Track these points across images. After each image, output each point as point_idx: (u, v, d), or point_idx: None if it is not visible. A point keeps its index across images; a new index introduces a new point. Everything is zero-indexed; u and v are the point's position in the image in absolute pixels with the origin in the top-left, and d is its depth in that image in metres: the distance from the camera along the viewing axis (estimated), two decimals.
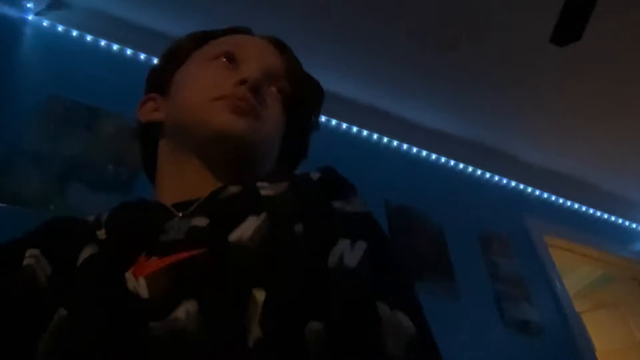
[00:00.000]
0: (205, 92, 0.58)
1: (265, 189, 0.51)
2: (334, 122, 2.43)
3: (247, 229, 0.44)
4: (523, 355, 1.96)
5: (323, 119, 2.38)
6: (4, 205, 1.45)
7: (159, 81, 0.67)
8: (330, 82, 2.31)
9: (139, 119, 0.66)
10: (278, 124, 0.64)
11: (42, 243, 0.48)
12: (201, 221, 0.47)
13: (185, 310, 0.37)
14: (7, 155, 1.55)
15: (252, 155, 0.59)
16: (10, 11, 1.90)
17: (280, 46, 0.69)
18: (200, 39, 0.69)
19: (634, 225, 2.99)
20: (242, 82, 0.58)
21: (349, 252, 0.42)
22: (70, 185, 1.57)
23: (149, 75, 0.70)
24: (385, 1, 2.01)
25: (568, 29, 1.64)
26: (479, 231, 2.35)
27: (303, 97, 0.67)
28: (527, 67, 2.26)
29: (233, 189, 0.52)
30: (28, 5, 1.93)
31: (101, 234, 0.50)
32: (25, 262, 0.46)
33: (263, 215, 0.45)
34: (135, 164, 1.65)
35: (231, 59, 0.63)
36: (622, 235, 2.90)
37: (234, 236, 0.44)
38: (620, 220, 2.97)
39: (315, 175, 0.53)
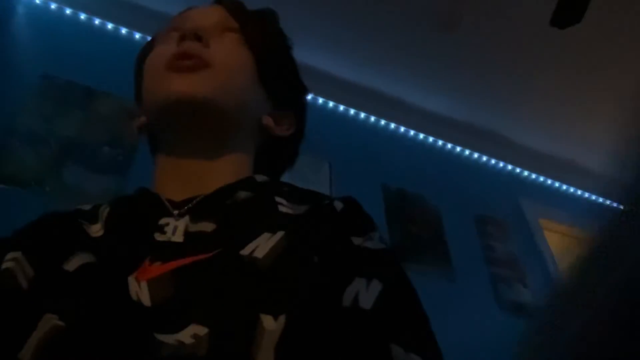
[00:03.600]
0: (156, 68, 0.56)
1: (284, 206, 0.49)
2: (331, 104, 2.41)
3: (261, 245, 0.43)
4: (517, 337, 1.99)
5: (320, 100, 2.36)
6: (0, 186, 1.44)
7: (137, 88, 0.64)
8: (327, 63, 2.31)
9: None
10: (238, 59, 0.58)
11: (24, 245, 0.46)
12: (207, 226, 0.46)
13: (192, 333, 0.36)
14: (1, 136, 1.53)
15: (217, 109, 0.54)
16: None
17: (222, 2, 0.65)
18: (156, 35, 0.66)
19: None
20: (180, 39, 0.56)
21: (364, 293, 0.41)
22: (66, 167, 1.56)
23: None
24: None
25: (569, 11, 1.63)
26: (475, 214, 2.36)
27: (257, 27, 0.62)
28: (524, 49, 2.24)
29: (243, 194, 0.50)
30: None
31: (96, 229, 0.49)
32: (5, 265, 0.43)
33: (279, 234, 0.44)
34: (131, 146, 1.64)
35: (172, 30, 0.60)
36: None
37: (246, 250, 0.42)
38: (615, 205, 2.98)
39: (338, 206, 0.50)
